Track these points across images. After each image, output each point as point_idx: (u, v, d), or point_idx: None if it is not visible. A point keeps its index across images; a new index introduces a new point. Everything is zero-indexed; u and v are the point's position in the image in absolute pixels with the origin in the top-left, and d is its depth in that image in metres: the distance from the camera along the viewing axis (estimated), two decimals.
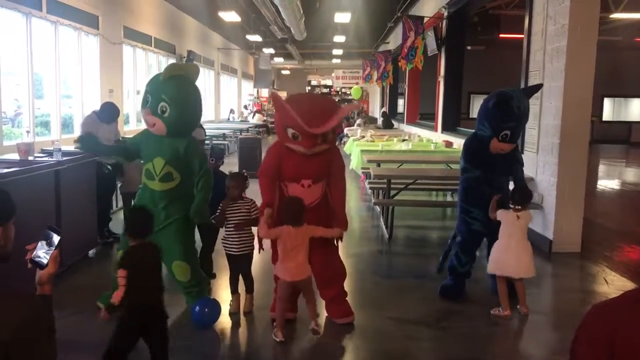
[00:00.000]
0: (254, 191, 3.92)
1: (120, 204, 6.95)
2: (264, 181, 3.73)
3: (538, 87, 4.77)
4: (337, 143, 4.46)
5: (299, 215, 3.52)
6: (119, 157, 4.25)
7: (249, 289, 4.11)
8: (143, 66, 13.08)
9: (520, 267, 4.03)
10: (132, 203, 5.06)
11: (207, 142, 11.10)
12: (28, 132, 7.61)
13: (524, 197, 4.12)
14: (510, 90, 4.25)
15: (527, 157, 5.85)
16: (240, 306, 4.09)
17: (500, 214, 4.10)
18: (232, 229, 3.95)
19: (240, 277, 4.12)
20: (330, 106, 3.70)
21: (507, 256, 4.04)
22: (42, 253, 1.84)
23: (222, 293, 4.35)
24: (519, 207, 4.06)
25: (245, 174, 4.16)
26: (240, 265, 4.07)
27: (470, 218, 4.33)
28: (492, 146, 4.21)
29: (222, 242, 4.06)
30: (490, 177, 4.26)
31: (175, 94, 3.78)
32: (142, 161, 4.06)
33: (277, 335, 3.57)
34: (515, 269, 4.03)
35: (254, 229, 3.90)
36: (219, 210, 3.96)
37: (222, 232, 4.18)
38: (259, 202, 3.80)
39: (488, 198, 4.19)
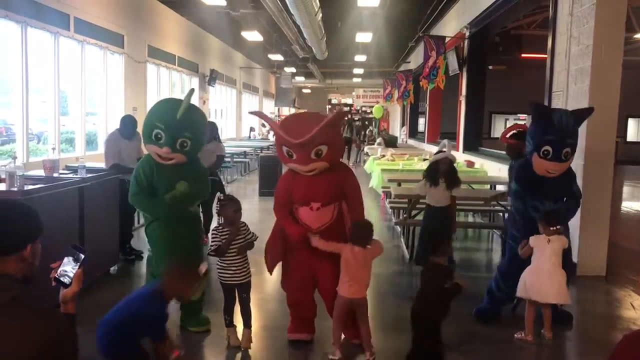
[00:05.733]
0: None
1: (142, 220, 6.99)
2: (283, 214, 3.73)
3: (589, 111, 4.20)
4: (351, 164, 4.35)
5: (368, 237, 3.58)
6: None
7: (248, 323, 3.81)
8: (167, 84, 13.29)
9: (552, 292, 3.91)
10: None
11: (227, 158, 11.19)
12: (54, 148, 7.74)
13: (551, 217, 3.97)
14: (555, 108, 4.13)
15: None
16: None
17: (532, 241, 3.97)
18: (232, 256, 3.72)
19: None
20: (315, 118, 3.66)
21: (538, 280, 3.93)
22: (68, 271, 1.85)
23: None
24: (553, 227, 3.92)
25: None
26: (242, 295, 3.80)
27: (516, 243, 4.20)
28: (536, 165, 4.04)
29: (220, 273, 3.75)
30: (536, 204, 4.06)
31: (195, 128, 3.82)
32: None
33: (335, 354, 3.58)
34: (547, 293, 3.92)
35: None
36: (215, 239, 3.67)
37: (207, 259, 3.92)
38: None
39: (535, 225, 4.03)
